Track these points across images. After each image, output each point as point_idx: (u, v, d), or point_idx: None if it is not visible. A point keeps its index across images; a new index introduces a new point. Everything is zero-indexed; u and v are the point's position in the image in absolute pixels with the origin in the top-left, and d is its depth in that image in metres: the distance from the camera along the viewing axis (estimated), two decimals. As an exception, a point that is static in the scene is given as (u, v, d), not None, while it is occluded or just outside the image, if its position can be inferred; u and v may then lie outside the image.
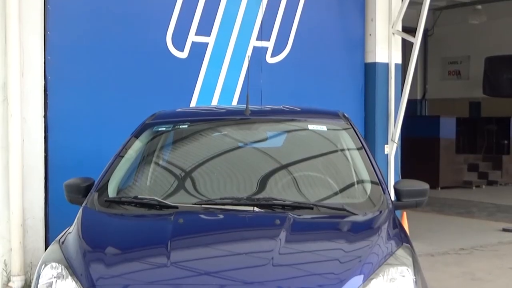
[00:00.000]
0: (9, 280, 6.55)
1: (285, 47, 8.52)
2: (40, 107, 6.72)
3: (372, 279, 3.27)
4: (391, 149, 9.22)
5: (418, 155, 15.92)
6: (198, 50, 7.79)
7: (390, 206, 4.15)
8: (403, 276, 3.36)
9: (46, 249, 5.39)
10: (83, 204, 4.20)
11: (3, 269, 6.56)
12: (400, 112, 9.12)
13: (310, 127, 4.84)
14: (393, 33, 9.25)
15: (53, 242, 3.87)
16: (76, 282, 3.30)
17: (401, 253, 3.59)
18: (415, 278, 3.40)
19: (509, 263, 8.42)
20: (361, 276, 3.28)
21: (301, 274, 3.42)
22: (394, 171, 9.22)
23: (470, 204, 13.88)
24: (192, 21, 7.75)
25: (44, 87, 6.73)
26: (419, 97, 21.33)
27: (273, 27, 8.38)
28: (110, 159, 4.60)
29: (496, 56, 18.84)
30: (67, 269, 3.40)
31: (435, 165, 16.81)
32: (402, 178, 8.44)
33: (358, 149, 4.67)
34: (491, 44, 19.13)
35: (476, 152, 20.05)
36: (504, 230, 10.73)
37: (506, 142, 20.07)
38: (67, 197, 4.45)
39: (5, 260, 6.56)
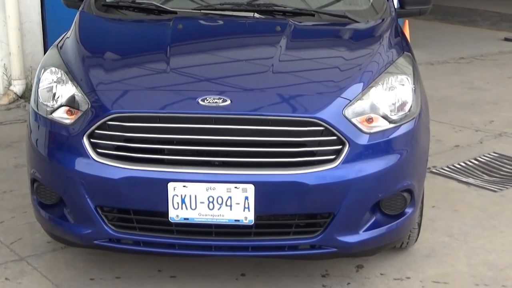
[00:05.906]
0: (10, 84, 6.62)
1: None
2: None
3: (372, 87, 3.27)
4: (397, -45, 8.93)
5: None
6: None
7: (393, 14, 4.08)
8: (403, 84, 3.36)
9: (45, 53, 5.37)
10: (80, 8, 4.11)
11: (3, 73, 6.60)
12: None
13: None
14: None
15: (51, 47, 3.82)
16: (76, 87, 3.30)
17: (402, 61, 3.57)
18: (414, 87, 3.40)
19: (507, 73, 8.47)
20: (361, 84, 3.28)
21: (300, 82, 3.42)
22: (399, -22, 8.99)
23: (474, 12, 13.68)
24: None
25: None
26: None
27: None
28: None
29: None
30: (67, 74, 3.39)
31: (440, -28, 16.37)
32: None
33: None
34: None
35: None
36: (506, 39, 10.67)
37: None
38: (63, 0, 4.35)
39: (4, 64, 6.58)
